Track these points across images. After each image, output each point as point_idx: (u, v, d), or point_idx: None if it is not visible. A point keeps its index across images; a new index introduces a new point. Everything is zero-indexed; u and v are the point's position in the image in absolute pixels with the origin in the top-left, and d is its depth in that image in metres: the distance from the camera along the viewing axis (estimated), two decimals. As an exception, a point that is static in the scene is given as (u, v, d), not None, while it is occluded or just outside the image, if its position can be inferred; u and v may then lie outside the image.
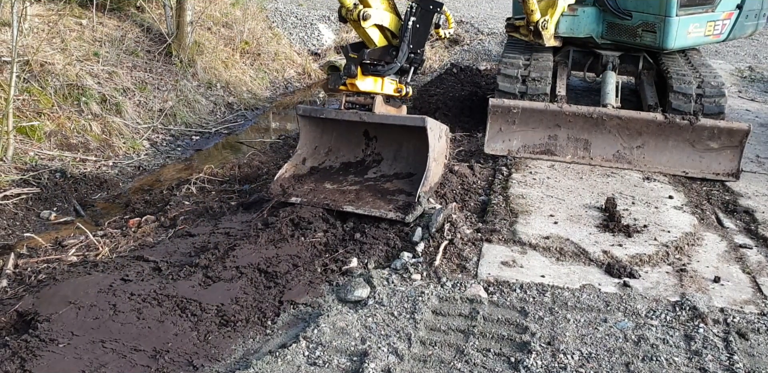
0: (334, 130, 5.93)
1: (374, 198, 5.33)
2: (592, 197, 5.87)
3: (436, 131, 5.33)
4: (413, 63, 5.63)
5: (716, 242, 5.25)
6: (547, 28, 7.51)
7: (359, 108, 5.50)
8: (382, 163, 5.78)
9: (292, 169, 5.78)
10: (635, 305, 4.27)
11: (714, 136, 6.33)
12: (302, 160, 5.89)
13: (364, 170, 5.77)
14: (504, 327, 4.04)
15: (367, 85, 5.45)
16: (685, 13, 7.27)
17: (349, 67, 5.31)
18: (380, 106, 5.43)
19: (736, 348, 3.86)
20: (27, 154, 7.53)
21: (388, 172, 5.67)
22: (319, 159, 5.95)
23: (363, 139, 5.92)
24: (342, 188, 5.55)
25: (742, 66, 11.80)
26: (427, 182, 5.18)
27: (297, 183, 5.68)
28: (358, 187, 5.55)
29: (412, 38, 5.46)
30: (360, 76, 5.37)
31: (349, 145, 5.94)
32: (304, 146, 5.93)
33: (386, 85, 5.58)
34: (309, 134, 5.92)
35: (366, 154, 5.90)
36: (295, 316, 4.25)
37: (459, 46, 14.17)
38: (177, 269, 4.70)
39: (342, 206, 5.25)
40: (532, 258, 4.87)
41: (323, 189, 5.57)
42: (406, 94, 5.71)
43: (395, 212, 5.06)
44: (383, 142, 5.83)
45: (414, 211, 5.03)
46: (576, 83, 9.63)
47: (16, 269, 5.17)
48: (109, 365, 3.71)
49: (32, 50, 8.41)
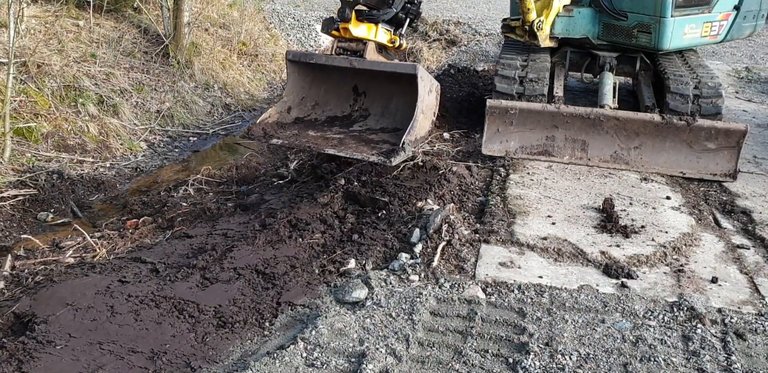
0: (323, 84, 5.81)
1: (357, 144, 5.23)
2: (589, 198, 5.88)
3: (427, 83, 5.21)
4: (409, 14, 5.48)
5: (714, 242, 5.26)
6: (542, 29, 7.52)
7: (350, 54, 5.34)
8: (369, 118, 5.68)
9: (276, 115, 5.68)
10: (633, 306, 4.27)
11: (711, 136, 6.34)
12: (287, 109, 5.76)
13: (350, 124, 5.66)
14: (502, 328, 4.04)
15: (360, 32, 5.28)
16: (680, 13, 7.27)
17: (343, 10, 5.13)
18: (372, 53, 5.28)
19: (734, 348, 3.87)
20: (24, 156, 7.52)
21: (374, 127, 5.57)
22: (305, 111, 5.83)
23: (352, 94, 5.80)
24: (326, 136, 5.46)
25: (740, 67, 11.82)
26: (413, 131, 5.05)
27: (280, 129, 5.59)
28: (343, 136, 5.46)
29: None
30: (354, 21, 5.21)
31: (338, 100, 5.82)
32: (291, 94, 5.78)
33: (380, 33, 5.41)
34: (297, 82, 5.76)
35: (353, 109, 5.79)
36: (293, 317, 4.24)
37: (456, 47, 14.17)
38: (174, 271, 4.69)
39: (323, 149, 5.17)
40: (530, 259, 4.88)
41: (306, 135, 5.48)
42: (400, 46, 5.58)
43: (378, 155, 4.98)
44: (372, 98, 5.72)
45: (397, 155, 4.93)
46: (573, 84, 9.64)
47: (14, 271, 5.16)
48: (106, 367, 3.70)
49: (29, 51, 8.39)
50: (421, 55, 13.64)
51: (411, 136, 5.05)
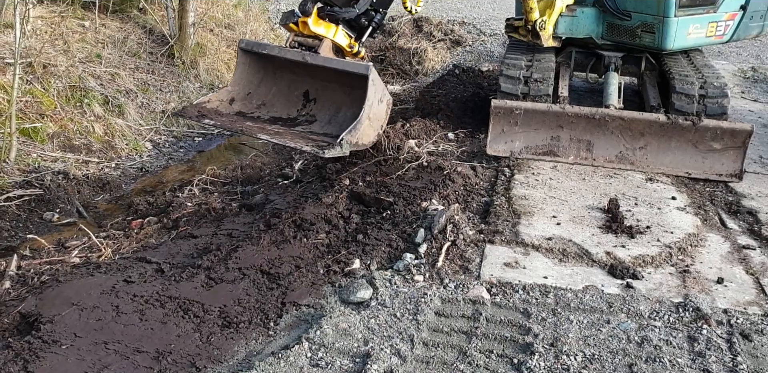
0: (274, 85, 5.62)
1: (295, 137, 5.03)
2: (594, 198, 5.87)
3: (379, 89, 5.02)
4: (372, 21, 5.30)
5: (719, 243, 5.24)
6: (545, 29, 7.51)
7: (305, 49, 5.15)
8: (314, 124, 5.46)
9: (216, 102, 5.45)
10: (638, 307, 4.26)
11: (717, 137, 6.32)
12: (230, 100, 5.53)
13: (292, 126, 5.46)
14: (507, 328, 4.04)
15: (319, 29, 5.12)
16: (684, 13, 7.25)
17: (305, 4, 4.96)
18: (327, 51, 5.09)
19: (740, 349, 3.86)
20: (30, 156, 7.55)
21: (318, 131, 5.34)
22: (249, 108, 5.61)
23: (302, 99, 5.59)
24: (263, 127, 5.27)
25: (745, 67, 11.78)
26: (356, 132, 4.83)
27: (217, 115, 5.36)
28: (282, 131, 5.26)
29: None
30: (314, 17, 5.05)
31: (286, 103, 5.61)
32: (237, 85, 5.55)
33: (340, 35, 5.23)
34: (246, 74, 5.54)
35: (300, 113, 5.58)
36: (298, 317, 4.25)
37: (461, 47, 14.16)
38: (179, 271, 4.70)
39: (257, 134, 4.99)
40: (534, 259, 4.87)
41: (243, 123, 5.29)
42: (357, 54, 5.40)
43: (313, 146, 4.78)
44: (322, 105, 5.51)
45: (332, 149, 4.72)
46: (578, 84, 9.62)
47: (19, 271, 5.18)
48: (111, 367, 3.71)
49: (35, 52, 8.42)
50: (426, 55, 13.62)
51: (352, 136, 4.82)
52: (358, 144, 4.97)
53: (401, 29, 14.36)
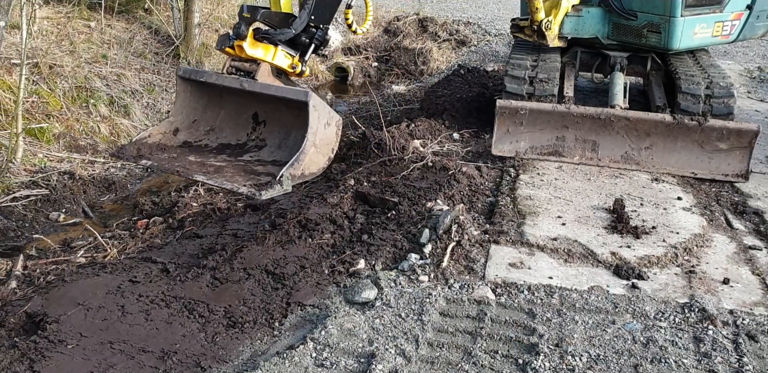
0: (222, 108, 5.34)
1: (235, 174, 4.75)
2: (600, 199, 5.85)
3: (323, 114, 4.70)
4: (314, 39, 5.03)
5: (725, 243, 5.23)
6: (550, 29, 7.50)
7: (243, 75, 4.89)
8: (264, 150, 5.15)
9: (159, 136, 5.16)
10: (644, 307, 4.25)
11: (723, 137, 6.30)
12: (173, 131, 5.25)
13: (242, 153, 5.16)
14: (512, 329, 4.03)
15: (256, 52, 4.84)
16: (690, 13, 7.23)
17: (239, 27, 4.70)
18: (265, 76, 4.83)
19: (746, 350, 3.84)
20: (36, 156, 7.57)
21: (267, 158, 5.04)
22: (197, 135, 5.31)
23: (251, 122, 5.28)
24: (206, 162, 4.96)
25: (752, 66, 11.74)
26: (298, 165, 4.52)
27: (159, 151, 5.09)
28: (226, 164, 4.94)
29: (315, 9, 4.84)
30: (251, 40, 4.78)
31: (235, 127, 5.31)
32: (180, 114, 5.27)
33: (279, 56, 4.94)
34: (188, 102, 5.27)
35: (250, 138, 5.26)
36: (303, 317, 4.25)
37: (466, 48, 14.16)
38: (185, 271, 4.71)
39: (192, 175, 4.70)
40: (539, 260, 4.86)
41: (184, 160, 4.98)
42: (301, 73, 5.11)
43: (250, 187, 4.47)
44: (271, 128, 5.21)
45: (270, 189, 4.40)
46: (584, 84, 9.61)
47: (25, 271, 5.20)
48: (117, 367, 3.72)
49: (41, 52, 8.46)
50: (431, 55, 13.63)
51: (295, 169, 4.50)
52: (304, 175, 4.67)
53: (406, 29, 14.37)
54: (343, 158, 7.17)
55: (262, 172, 4.73)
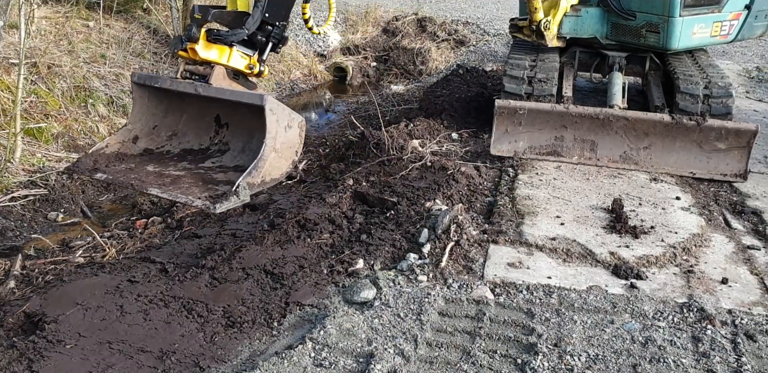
0: (184, 112, 5.12)
1: (192, 185, 4.55)
2: (598, 198, 5.86)
3: (282, 116, 4.49)
4: (271, 38, 4.81)
5: (724, 243, 5.23)
6: (549, 29, 7.50)
7: (198, 79, 4.68)
8: (227, 154, 4.96)
9: (117, 145, 4.95)
10: (642, 307, 4.25)
11: (721, 137, 6.31)
12: (133, 138, 5.03)
13: (203, 159, 4.95)
14: (510, 329, 4.04)
15: (210, 54, 4.61)
16: (689, 13, 7.24)
17: (190, 29, 4.48)
18: (219, 79, 4.62)
19: (744, 350, 3.84)
20: (34, 156, 7.57)
21: (229, 164, 4.83)
22: (158, 142, 5.11)
23: (213, 125, 5.09)
24: (164, 172, 4.73)
25: (750, 66, 11.75)
26: (256, 173, 4.30)
27: (116, 161, 4.87)
28: (184, 173, 4.74)
29: (269, 6, 4.63)
30: (204, 42, 4.56)
31: (197, 131, 5.10)
32: (138, 122, 5.05)
33: (235, 57, 4.73)
34: (146, 108, 5.06)
35: (213, 142, 5.05)
36: (301, 317, 4.25)
37: (465, 47, 14.16)
38: (183, 271, 4.71)
39: (147, 188, 4.50)
40: (538, 259, 4.86)
41: (141, 170, 4.76)
42: (260, 74, 4.91)
43: (205, 200, 4.27)
44: (234, 131, 5.01)
45: (226, 201, 4.18)
46: (582, 84, 9.61)
47: (24, 270, 5.20)
48: (115, 366, 3.72)
49: (40, 52, 8.45)
50: (430, 55, 13.63)
51: (253, 177, 4.28)
52: (265, 182, 4.46)
53: (405, 29, 14.38)
54: (341, 158, 7.18)
55: (222, 180, 4.54)
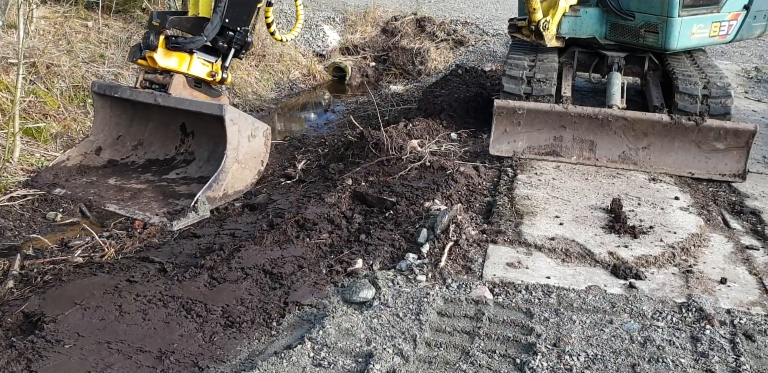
0: (150, 120, 4.96)
1: (152, 199, 4.39)
2: (597, 198, 5.86)
3: (244, 126, 4.34)
4: (234, 43, 4.63)
5: (723, 243, 5.23)
6: (548, 29, 7.51)
7: (158, 88, 4.52)
8: (192, 164, 4.78)
9: (79, 157, 4.79)
10: (641, 307, 4.25)
11: (720, 137, 6.31)
12: (96, 150, 4.87)
13: (168, 170, 4.79)
14: (509, 328, 4.04)
15: (170, 62, 4.44)
16: (688, 13, 7.25)
17: (147, 37, 4.32)
18: (179, 88, 4.46)
19: (743, 350, 3.85)
20: (33, 156, 7.56)
21: (194, 175, 4.65)
22: (123, 152, 4.93)
23: (179, 134, 4.89)
24: (125, 185, 4.56)
25: (749, 67, 11.76)
26: (217, 186, 4.15)
27: (78, 174, 4.71)
28: (146, 186, 4.55)
29: (229, 11, 4.45)
30: (163, 49, 4.39)
31: (163, 140, 4.91)
32: (101, 132, 4.89)
33: (196, 65, 4.54)
34: (109, 118, 4.89)
35: (179, 151, 4.89)
36: (300, 317, 4.25)
37: (464, 47, 14.16)
38: (182, 270, 4.71)
39: (105, 204, 4.34)
40: (537, 259, 4.86)
41: (102, 184, 4.58)
42: (222, 81, 4.75)
43: (162, 216, 4.09)
44: (200, 140, 4.81)
45: (184, 218, 4.03)
46: (581, 84, 9.62)
47: (23, 270, 5.19)
48: (114, 366, 3.71)
49: (38, 52, 8.44)
50: (429, 55, 13.63)
51: (214, 191, 4.14)
52: (227, 195, 4.30)
53: (404, 29, 14.37)
54: (341, 158, 7.18)
55: (184, 193, 4.37)
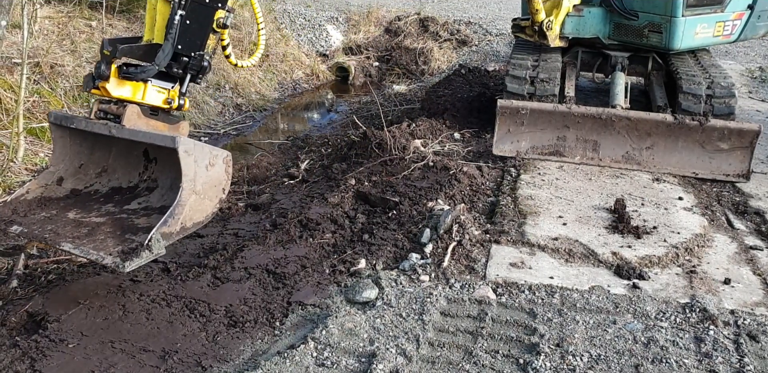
0: (113, 147, 4.77)
1: (109, 236, 4.22)
2: (601, 198, 5.85)
3: (201, 156, 4.17)
4: (189, 69, 4.49)
5: (726, 243, 5.22)
6: (551, 29, 7.50)
7: (113, 119, 4.33)
8: (155, 193, 4.63)
9: (39, 190, 4.62)
10: (645, 307, 4.25)
11: (724, 137, 6.30)
12: (58, 180, 4.71)
13: (130, 199, 4.63)
14: (512, 329, 4.03)
15: (123, 92, 4.29)
16: (692, 13, 7.23)
17: (99, 67, 4.17)
18: (134, 119, 4.28)
19: (747, 350, 3.84)
20: (37, 156, 7.57)
21: (155, 205, 4.51)
22: (87, 181, 4.78)
23: (143, 160, 4.75)
24: (84, 219, 4.41)
25: (753, 66, 11.73)
26: (173, 221, 3.99)
27: (38, 208, 4.55)
28: (105, 219, 4.41)
29: (181, 37, 4.33)
30: (116, 79, 4.24)
31: (127, 167, 4.78)
32: (61, 162, 4.72)
33: (150, 93, 4.40)
34: (69, 148, 4.73)
35: (142, 179, 4.73)
36: (304, 317, 4.25)
37: (467, 47, 14.16)
38: (186, 270, 4.72)
39: (60, 243, 4.19)
40: (540, 259, 4.86)
41: (60, 219, 4.43)
42: (180, 107, 4.59)
43: (116, 256, 3.92)
44: (163, 166, 4.66)
45: (137, 258, 3.86)
46: (585, 84, 9.60)
47: (27, 270, 5.19)
48: (118, 366, 3.72)
49: (42, 52, 8.46)
50: (432, 55, 13.63)
51: (170, 226, 3.98)
52: (186, 228, 4.16)
53: (407, 29, 14.37)
54: (344, 158, 7.18)
55: (143, 227, 4.22)
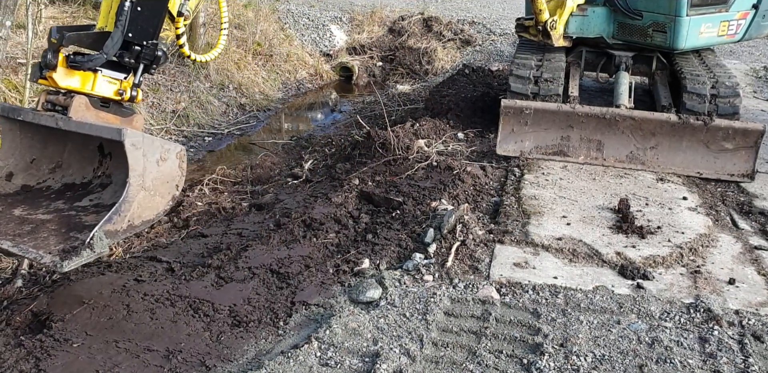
0: (68, 141, 4.61)
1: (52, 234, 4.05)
2: (605, 198, 5.84)
3: (151, 150, 3.98)
4: (141, 59, 4.26)
5: (731, 243, 5.21)
6: (555, 28, 7.49)
7: (61, 110, 4.15)
8: (108, 189, 4.44)
9: None
10: (649, 307, 4.24)
11: (728, 136, 6.29)
12: (7, 176, 4.53)
13: (82, 196, 4.45)
14: (516, 329, 4.03)
15: (71, 82, 4.11)
16: (696, 12, 7.22)
17: (45, 55, 3.98)
18: (81, 110, 4.11)
19: (751, 351, 3.83)
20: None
21: (107, 202, 4.30)
22: (39, 176, 4.60)
23: (97, 155, 4.57)
24: (30, 217, 4.24)
25: (758, 66, 11.70)
26: (119, 218, 3.80)
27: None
28: (51, 217, 4.24)
29: (131, 24, 4.11)
30: (64, 68, 4.05)
31: (81, 162, 4.60)
32: (11, 157, 4.53)
33: (101, 83, 4.21)
34: (19, 142, 4.54)
35: (96, 175, 4.55)
36: (307, 317, 4.25)
37: (471, 47, 14.15)
38: (190, 270, 4.72)
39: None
40: (544, 259, 4.85)
41: (5, 216, 4.26)
42: (132, 99, 4.38)
43: (55, 255, 3.77)
44: (117, 161, 4.41)
45: (76, 257, 3.68)
46: (589, 84, 9.59)
47: (31, 269, 5.21)
48: (122, 365, 3.73)
49: (47, 52, 8.46)
50: (436, 54, 13.63)
51: (115, 224, 3.79)
52: (134, 226, 3.95)
53: (411, 29, 14.37)
54: (347, 158, 7.18)
55: (89, 224, 4.01)
